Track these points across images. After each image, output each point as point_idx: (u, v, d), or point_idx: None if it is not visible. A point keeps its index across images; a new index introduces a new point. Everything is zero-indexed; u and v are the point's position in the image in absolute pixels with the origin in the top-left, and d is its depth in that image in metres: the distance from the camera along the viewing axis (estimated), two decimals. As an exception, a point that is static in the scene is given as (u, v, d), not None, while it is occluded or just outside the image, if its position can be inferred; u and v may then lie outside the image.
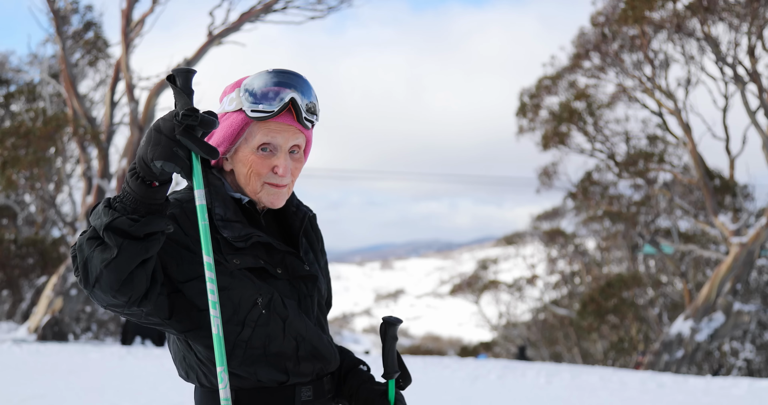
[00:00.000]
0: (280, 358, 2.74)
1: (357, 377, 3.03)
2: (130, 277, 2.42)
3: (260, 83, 2.75)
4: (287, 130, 2.78)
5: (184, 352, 2.79)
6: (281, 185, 2.81)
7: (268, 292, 2.75)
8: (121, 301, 2.47)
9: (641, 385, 15.60)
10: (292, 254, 2.89)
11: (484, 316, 53.50)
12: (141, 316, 2.61)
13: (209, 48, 22.22)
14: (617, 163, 31.62)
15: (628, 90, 30.51)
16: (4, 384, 11.96)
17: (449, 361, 18.35)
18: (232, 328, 2.68)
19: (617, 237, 40.99)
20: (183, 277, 2.64)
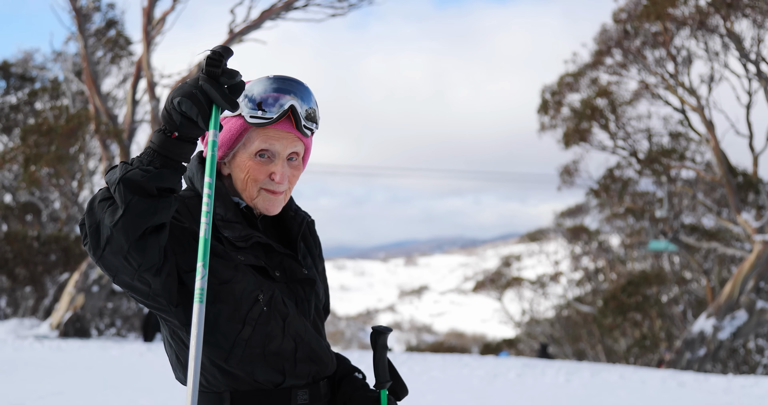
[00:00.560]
0: (278, 358, 2.74)
1: (351, 384, 3.02)
2: (143, 242, 2.44)
3: (260, 89, 2.74)
4: (286, 138, 2.78)
5: (178, 352, 2.79)
6: (278, 192, 2.81)
7: (269, 289, 2.75)
8: (133, 266, 2.47)
9: (661, 383, 15.53)
10: (290, 257, 2.89)
11: (507, 313, 53.41)
12: (149, 295, 2.58)
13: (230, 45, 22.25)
14: (639, 160, 31.47)
15: (650, 87, 30.35)
16: (23, 380, 12.03)
17: (469, 359, 18.34)
18: (233, 326, 2.68)
19: (641, 234, 40.82)
20: (188, 266, 2.64)
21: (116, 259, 2.47)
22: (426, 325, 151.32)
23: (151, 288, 2.56)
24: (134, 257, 2.45)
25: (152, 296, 2.59)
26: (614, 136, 31.69)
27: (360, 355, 18.81)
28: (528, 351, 48.99)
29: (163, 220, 2.45)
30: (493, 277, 54.97)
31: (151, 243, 2.46)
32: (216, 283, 2.67)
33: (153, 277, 2.52)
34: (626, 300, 34.05)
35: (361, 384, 3.02)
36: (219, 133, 2.84)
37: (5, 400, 10.10)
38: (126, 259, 2.46)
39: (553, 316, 50.81)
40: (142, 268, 2.48)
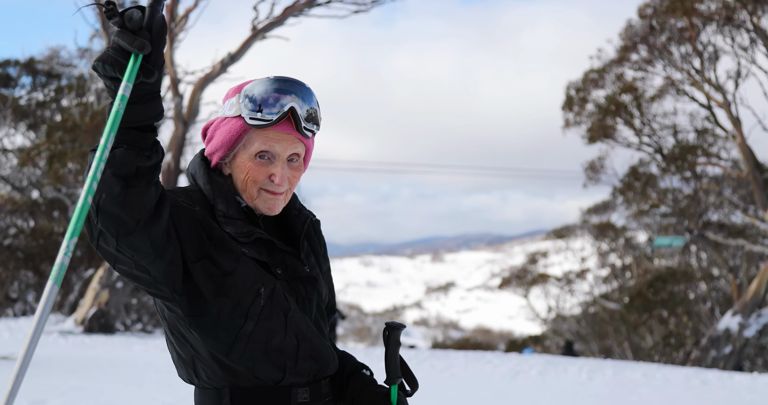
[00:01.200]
0: (280, 354, 2.73)
1: (360, 380, 3.02)
2: (129, 238, 2.40)
3: (260, 90, 2.74)
4: (286, 139, 2.77)
5: (178, 348, 2.80)
6: (277, 193, 2.81)
7: (271, 283, 2.75)
8: (127, 257, 2.46)
9: (685, 381, 15.44)
10: (292, 255, 2.89)
11: (532, 310, 53.31)
12: (150, 283, 2.58)
13: (253, 42, 22.27)
14: (664, 156, 31.30)
15: (676, 83, 30.17)
16: (47, 376, 12.11)
17: (491, 356, 18.29)
18: (236, 320, 2.68)
19: (668, 230, 40.61)
20: (196, 256, 2.65)
21: (110, 250, 2.46)
22: (452, 322, 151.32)
23: (152, 275, 2.55)
24: (125, 250, 2.45)
25: (154, 284, 2.59)
26: (639, 133, 31.54)
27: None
28: (554, 348, 48.88)
29: (135, 212, 2.39)
30: (519, 274, 54.90)
31: (146, 194, 2.41)
32: (219, 276, 2.67)
33: (151, 264, 2.51)
34: (651, 297, 33.90)
35: (369, 380, 3.02)
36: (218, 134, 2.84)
37: (28, 395, 10.17)
38: (118, 252, 2.45)
39: (580, 313, 50.67)
40: (136, 259, 2.48)
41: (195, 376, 2.78)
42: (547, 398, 12.51)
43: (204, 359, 2.72)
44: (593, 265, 51.37)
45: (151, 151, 2.38)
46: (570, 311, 52.32)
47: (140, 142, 2.35)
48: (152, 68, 2.30)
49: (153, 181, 2.41)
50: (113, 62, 2.27)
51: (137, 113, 2.34)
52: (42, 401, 9.86)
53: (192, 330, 2.69)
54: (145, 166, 2.37)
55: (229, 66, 22.30)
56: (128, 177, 2.35)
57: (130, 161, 2.34)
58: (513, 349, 44.67)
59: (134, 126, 2.35)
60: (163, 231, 2.49)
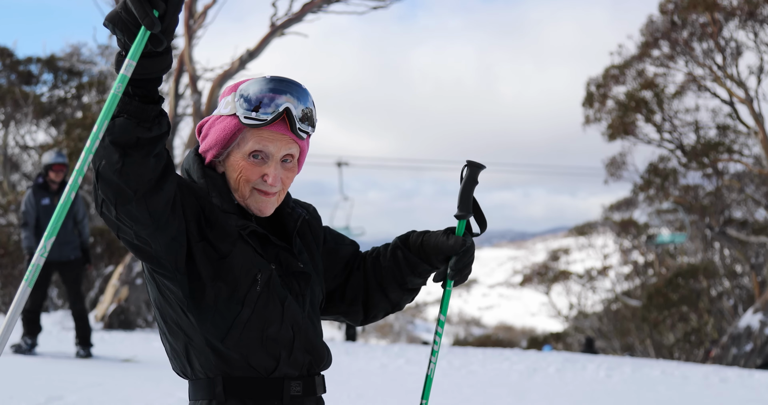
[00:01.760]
0: (275, 344, 2.74)
1: (415, 233, 3.14)
2: (134, 163, 2.40)
3: (255, 89, 2.75)
4: (280, 140, 2.78)
5: (170, 339, 2.81)
6: (270, 193, 2.81)
7: (268, 270, 2.76)
8: (127, 226, 2.48)
9: (704, 379, 15.35)
10: (286, 251, 2.89)
11: (554, 307, 53.20)
12: (152, 257, 2.62)
13: (271, 39, 22.25)
14: (685, 153, 31.15)
15: (697, 79, 30.02)
16: (64, 372, 12.15)
17: (510, 354, 18.25)
18: (233, 306, 2.70)
19: (691, 227, 40.43)
20: (199, 236, 2.68)
21: (111, 218, 2.51)
22: (475, 319, 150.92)
23: (153, 249, 2.58)
24: (125, 220, 2.49)
25: (155, 258, 2.62)
26: (660, 129, 31.40)
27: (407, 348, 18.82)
28: (576, 345, 48.73)
29: (132, 182, 2.42)
30: (540, 271, 54.83)
31: (137, 208, 2.45)
32: (216, 259, 2.69)
33: (151, 236, 2.55)
34: (671, 294, 33.74)
35: (424, 231, 3.13)
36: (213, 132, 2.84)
37: (44, 391, 10.22)
38: (118, 220, 2.50)
39: (602, 311, 50.51)
40: (136, 229, 2.52)
41: (188, 366, 2.79)
42: (564, 396, 12.47)
43: (197, 346, 2.73)
44: (615, 262, 51.24)
45: (152, 123, 2.39)
46: (592, 308, 52.18)
47: (141, 113, 2.36)
48: (162, 38, 2.30)
49: (153, 153, 2.43)
50: (122, 29, 2.28)
51: (142, 66, 2.33)
52: (59, 397, 9.90)
53: (189, 314, 2.70)
54: (145, 138, 2.38)
55: (247, 63, 22.30)
56: (127, 146, 2.37)
57: (129, 131, 2.36)
58: (534, 347, 44.57)
59: (138, 78, 2.34)
60: (164, 204, 2.51)
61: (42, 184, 12.96)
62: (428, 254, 3.10)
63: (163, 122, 2.42)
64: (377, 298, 3.17)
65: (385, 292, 3.16)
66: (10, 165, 34.94)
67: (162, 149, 2.47)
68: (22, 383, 10.82)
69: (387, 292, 3.16)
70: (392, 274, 3.15)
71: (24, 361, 12.87)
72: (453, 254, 3.07)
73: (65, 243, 12.80)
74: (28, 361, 12.93)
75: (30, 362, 12.83)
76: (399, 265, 3.14)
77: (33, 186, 13.10)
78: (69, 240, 12.85)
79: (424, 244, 3.10)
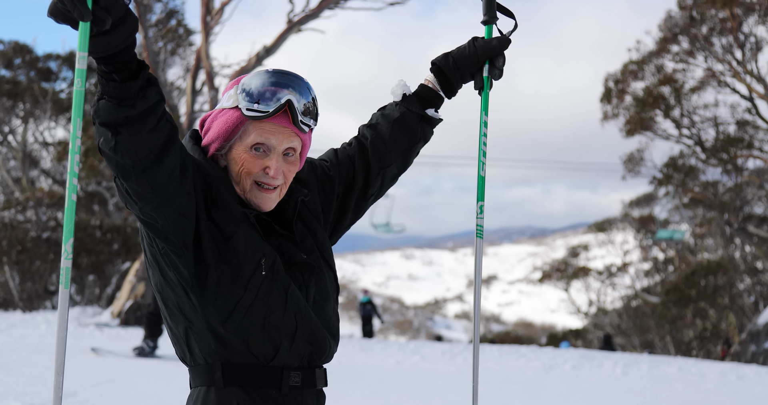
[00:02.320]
0: (277, 332, 2.71)
1: (438, 63, 3.16)
2: (126, 140, 2.38)
3: (258, 83, 2.73)
4: (282, 132, 2.75)
5: (171, 324, 2.79)
6: (271, 185, 2.78)
7: (272, 255, 2.73)
8: (127, 166, 2.43)
9: (721, 376, 15.26)
10: (289, 240, 2.86)
11: (573, 303, 53.05)
12: (160, 232, 2.60)
13: (288, 35, 22.26)
14: (704, 149, 30.99)
15: (717, 74, 29.84)
16: (78, 368, 12.19)
17: (526, 350, 18.19)
18: (236, 290, 2.66)
19: (711, 223, 40.24)
20: (207, 215, 2.68)
21: (122, 191, 2.52)
22: (494, 315, 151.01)
23: (160, 224, 2.57)
24: (132, 193, 2.49)
25: (163, 234, 2.60)
26: (679, 125, 31.23)
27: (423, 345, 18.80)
28: (596, 342, 48.57)
29: (128, 157, 2.40)
30: (560, 267, 54.68)
31: (138, 182, 2.45)
32: (221, 240, 2.67)
33: (156, 211, 2.53)
34: (687, 291, 33.59)
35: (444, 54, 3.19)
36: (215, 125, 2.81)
37: (58, 387, 10.24)
38: (127, 193, 2.50)
39: (621, 307, 50.34)
40: (140, 205, 2.52)
41: (187, 351, 2.77)
42: (580, 393, 12.41)
43: (197, 330, 2.70)
44: (636, 258, 51.04)
45: (135, 99, 2.33)
46: (611, 305, 52.00)
47: (120, 92, 2.31)
48: (104, 17, 2.23)
49: (147, 128, 2.39)
50: (63, 20, 2.25)
51: (100, 44, 2.28)
52: (72, 393, 9.93)
53: (192, 295, 2.67)
54: (132, 114, 2.34)
55: (264, 59, 22.31)
56: (117, 125, 2.35)
57: (112, 112, 2.33)
58: (553, 343, 44.46)
59: (104, 56, 2.29)
60: (166, 177, 2.49)
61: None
62: (466, 68, 3.14)
63: (149, 94, 2.36)
64: (394, 151, 3.22)
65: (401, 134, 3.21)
66: (29, 161, 35.12)
67: (159, 122, 2.42)
68: (35, 380, 10.87)
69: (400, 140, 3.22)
70: (406, 119, 3.20)
71: (38, 359, 12.93)
72: (500, 52, 3.11)
73: None
74: (42, 358, 12.99)
75: (44, 360, 12.88)
76: (413, 106, 3.19)
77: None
78: None
79: (459, 61, 3.13)
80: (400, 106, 3.19)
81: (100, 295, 25.31)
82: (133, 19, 2.28)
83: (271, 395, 2.75)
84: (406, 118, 3.18)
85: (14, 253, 24.34)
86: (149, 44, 22.94)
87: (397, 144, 3.20)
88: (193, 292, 2.67)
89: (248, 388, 2.73)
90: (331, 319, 2.93)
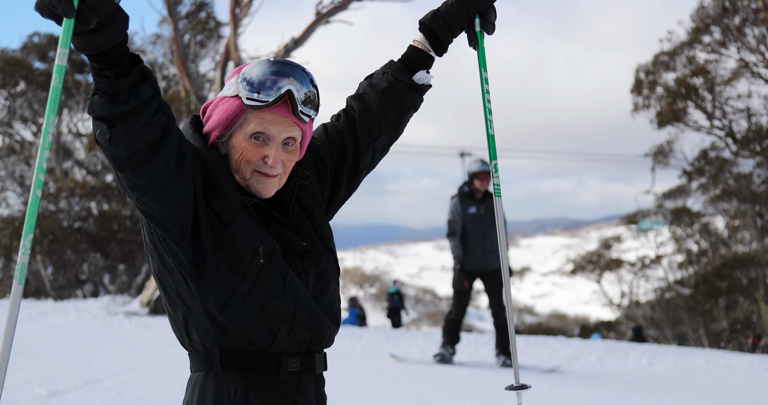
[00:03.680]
0: (275, 319, 2.75)
1: (426, 22, 3.19)
2: (120, 134, 2.43)
3: (258, 72, 2.77)
4: (282, 122, 2.80)
5: (170, 310, 2.85)
6: (271, 175, 2.82)
7: (270, 243, 2.77)
8: (122, 158, 2.49)
9: (748, 368, 15.15)
10: (288, 227, 2.89)
11: (605, 295, 52.76)
12: (158, 221, 2.65)
13: (317, 27, 22.24)
14: (736, 140, 30.73)
15: (750, 65, 29.58)
16: (104, 356, 12.31)
17: (552, 341, 18.10)
18: (234, 277, 2.71)
19: (746, 216, 39.89)
20: (205, 203, 2.71)
21: (121, 181, 2.58)
22: (527, 307, 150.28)
23: (157, 213, 2.62)
24: (129, 184, 2.55)
25: (161, 223, 2.65)
26: (711, 116, 30.99)
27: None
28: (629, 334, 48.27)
29: (123, 150, 2.46)
30: (592, 259, 54.37)
31: (133, 174, 2.50)
32: (219, 228, 2.71)
33: (153, 201, 2.58)
34: (718, 283, 33.32)
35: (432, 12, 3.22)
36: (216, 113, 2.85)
37: (84, 374, 10.36)
38: (128, 183, 2.56)
39: (654, 299, 50.01)
40: (137, 195, 2.58)
41: (186, 337, 2.83)
42: (602, 382, 12.38)
43: (196, 316, 2.75)
44: (669, 250, 50.67)
45: (128, 95, 2.39)
46: (644, 297, 51.67)
47: (112, 88, 2.38)
48: (89, 16, 2.27)
49: (141, 122, 2.43)
50: (49, 16, 2.29)
51: (88, 42, 2.32)
52: (97, 380, 10.04)
53: (190, 282, 2.72)
54: (128, 109, 2.39)
55: (292, 51, 22.30)
56: (111, 119, 2.40)
57: (106, 108, 2.39)
58: (585, 335, 44.23)
59: (93, 53, 2.34)
60: (162, 169, 2.53)
61: (468, 192, 12.83)
62: (456, 24, 3.17)
63: (142, 90, 2.41)
64: (383, 122, 3.24)
65: (391, 107, 3.23)
66: (63, 152, 35.38)
67: (155, 115, 2.48)
68: (61, 367, 10.98)
69: (390, 112, 3.24)
70: (395, 89, 3.21)
71: (65, 346, 13.05)
72: (489, 4, 3.13)
73: (490, 252, 12.66)
74: (69, 345, 13.11)
75: (71, 347, 13.00)
76: (401, 73, 3.21)
77: (459, 194, 12.94)
78: (494, 249, 12.65)
79: (449, 18, 3.15)
80: (387, 74, 3.20)
81: (129, 284, 25.46)
82: (122, 18, 2.32)
83: (269, 380, 2.80)
84: (394, 88, 3.20)
85: (46, 242, 24.55)
86: (178, 37, 23.00)
87: (386, 115, 3.22)
88: (191, 279, 2.71)
89: (246, 373, 2.78)
90: (333, 303, 2.97)
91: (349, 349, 14.78)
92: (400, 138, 3.28)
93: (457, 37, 3.24)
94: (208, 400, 2.78)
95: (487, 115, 3.21)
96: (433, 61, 3.26)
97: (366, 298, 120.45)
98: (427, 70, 3.24)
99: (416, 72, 3.22)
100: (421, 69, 3.22)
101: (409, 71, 3.20)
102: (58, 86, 2.30)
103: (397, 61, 3.23)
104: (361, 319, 31.29)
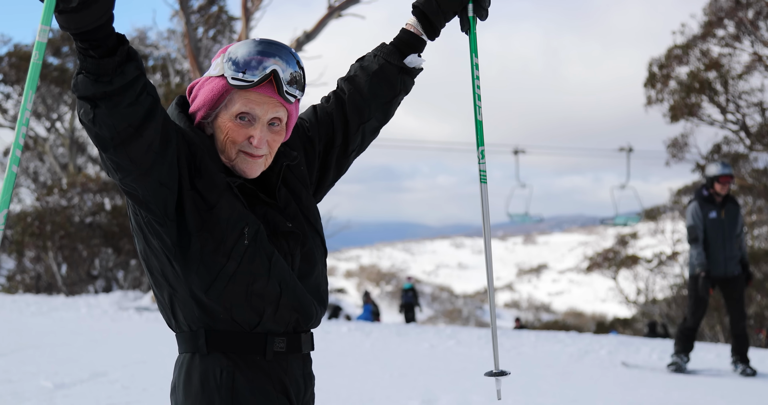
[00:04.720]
0: (261, 300, 2.74)
1: (418, 8, 3.18)
2: (103, 114, 2.42)
3: (244, 52, 2.75)
4: (267, 102, 2.78)
5: (157, 291, 2.85)
6: (256, 155, 2.80)
7: (255, 224, 2.75)
8: (106, 138, 2.47)
9: (759, 363, 15.04)
10: (274, 208, 2.87)
11: (620, 292, 52.62)
12: (141, 202, 2.64)
13: (329, 21, 22.26)
14: (749, 134, 30.59)
15: (764, 59, 29.43)
16: (112, 350, 12.36)
17: (563, 336, 18.05)
18: (218, 258, 2.69)
19: (762, 212, 39.71)
20: (190, 184, 2.69)
21: (104, 162, 2.57)
22: (544, 304, 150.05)
23: (140, 194, 2.61)
24: (111, 165, 2.55)
25: (145, 204, 2.64)
26: (724, 110, 30.85)
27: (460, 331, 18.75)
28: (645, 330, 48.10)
29: (105, 130, 2.45)
30: (607, 256, 54.22)
31: (116, 154, 2.49)
32: (204, 209, 2.70)
33: (136, 182, 2.57)
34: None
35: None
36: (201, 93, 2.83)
37: (90, 367, 10.40)
38: (111, 163, 2.55)
39: (671, 296, 49.84)
40: (120, 176, 2.57)
41: (173, 318, 2.82)
42: (610, 377, 12.33)
43: (181, 297, 2.74)
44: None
45: (113, 75, 2.38)
46: (661, 293, 51.50)
47: (97, 68, 2.36)
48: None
49: (125, 103, 2.42)
50: None
51: (73, 20, 2.30)
52: (103, 373, 10.07)
53: (175, 263, 2.71)
54: (112, 90, 2.38)
55: (304, 44, 22.32)
56: (95, 98, 2.39)
57: (90, 87, 2.37)
58: (601, 332, 44.12)
59: (78, 33, 2.32)
60: (145, 150, 2.51)
61: (707, 196, 12.47)
62: (449, 8, 3.18)
63: (127, 70, 2.40)
64: (374, 104, 3.22)
65: (381, 90, 3.22)
66: (76, 148, 35.52)
67: (139, 96, 2.46)
68: (68, 360, 11.01)
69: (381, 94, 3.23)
70: (386, 71, 3.20)
71: (73, 340, 13.08)
72: None
73: (730, 258, 12.36)
74: (78, 339, 13.14)
75: (79, 341, 13.04)
76: (392, 56, 3.20)
77: (698, 199, 12.55)
78: (734, 255, 12.36)
79: (443, 2, 3.16)
80: (378, 57, 3.19)
81: (141, 280, 25.54)
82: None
83: (256, 361, 2.78)
84: (384, 71, 3.18)
85: (58, 237, 24.63)
86: (190, 31, 23.04)
87: (376, 97, 3.20)
88: (176, 260, 2.70)
89: (232, 354, 2.77)
90: (319, 284, 2.95)
91: (359, 343, 14.78)
92: (416, 134, 3.25)
93: (449, 22, 3.23)
94: (195, 380, 2.77)
95: (476, 101, 3.20)
96: (425, 44, 3.25)
97: (382, 295, 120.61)
98: (418, 53, 3.22)
99: (408, 55, 3.20)
100: (413, 52, 3.21)
101: (401, 54, 3.19)
102: (38, 63, 2.29)
103: (389, 43, 3.22)
104: (375, 315, 31.40)
